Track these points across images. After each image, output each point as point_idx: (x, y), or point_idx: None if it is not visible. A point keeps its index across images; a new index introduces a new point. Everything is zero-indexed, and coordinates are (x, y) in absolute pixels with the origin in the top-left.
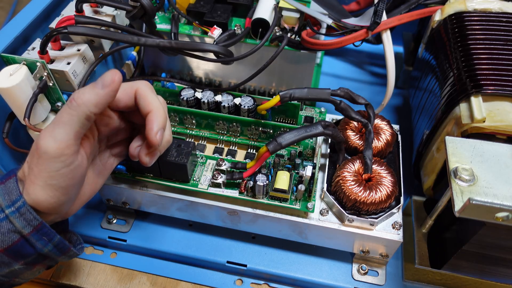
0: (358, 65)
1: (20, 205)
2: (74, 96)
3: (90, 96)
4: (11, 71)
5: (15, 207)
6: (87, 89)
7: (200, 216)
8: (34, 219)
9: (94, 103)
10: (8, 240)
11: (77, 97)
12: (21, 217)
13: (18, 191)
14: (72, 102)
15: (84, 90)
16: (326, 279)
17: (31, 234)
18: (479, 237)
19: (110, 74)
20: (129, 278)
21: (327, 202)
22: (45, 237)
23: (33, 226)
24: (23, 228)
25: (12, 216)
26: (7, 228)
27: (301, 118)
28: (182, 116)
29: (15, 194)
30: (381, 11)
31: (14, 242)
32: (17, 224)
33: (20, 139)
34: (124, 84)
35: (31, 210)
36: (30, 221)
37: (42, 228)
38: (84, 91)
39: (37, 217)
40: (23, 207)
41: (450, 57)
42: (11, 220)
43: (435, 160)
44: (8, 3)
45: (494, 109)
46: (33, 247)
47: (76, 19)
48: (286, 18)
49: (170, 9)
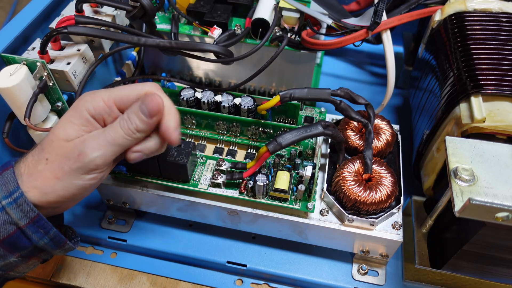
0: (358, 65)
1: (17, 196)
2: (131, 128)
3: (143, 128)
4: (11, 71)
5: (12, 198)
6: (138, 120)
7: (200, 216)
8: (31, 210)
9: (145, 133)
10: (4, 231)
11: (134, 128)
12: (18, 208)
13: (16, 182)
14: (129, 132)
15: (135, 121)
16: (326, 279)
17: (27, 226)
18: (479, 237)
19: (155, 103)
20: (129, 278)
21: (327, 202)
22: (42, 230)
23: (30, 218)
24: (20, 219)
25: (9, 207)
26: (3, 219)
27: (301, 118)
28: (182, 116)
29: (12, 185)
30: (381, 11)
31: (10, 234)
32: (13, 215)
33: (20, 139)
34: (133, 87)
35: (28, 201)
36: (27, 213)
37: (38, 220)
38: (136, 123)
39: (34, 208)
40: (20, 198)
41: (450, 57)
42: (8, 211)
43: (435, 160)
44: (8, 3)
45: (494, 109)
46: (29, 239)
47: (76, 19)
48: (286, 18)
49: (170, 9)
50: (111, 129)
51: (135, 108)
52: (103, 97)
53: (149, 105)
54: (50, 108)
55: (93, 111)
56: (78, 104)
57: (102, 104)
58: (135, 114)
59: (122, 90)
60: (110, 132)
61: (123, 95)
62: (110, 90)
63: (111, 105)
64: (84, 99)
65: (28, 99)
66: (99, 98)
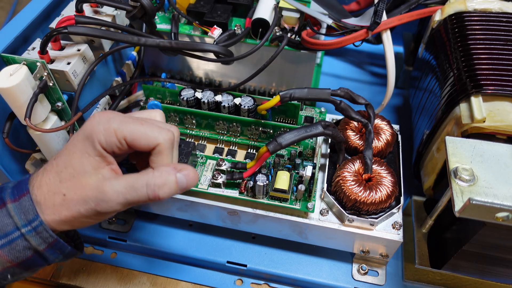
0: (358, 65)
1: (37, 225)
2: (160, 192)
3: (171, 193)
4: (11, 71)
5: (32, 226)
6: (172, 187)
7: (200, 216)
8: (50, 236)
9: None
10: (22, 256)
11: (163, 193)
12: (37, 235)
13: (35, 211)
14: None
15: (169, 188)
16: (326, 279)
17: (46, 250)
18: (479, 237)
19: (194, 179)
20: (129, 278)
21: (327, 202)
22: (58, 251)
23: (48, 243)
24: (39, 245)
25: (29, 234)
26: (22, 245)
27: (301, 118)
28: (182, 116)
29: (31, 214)
30: (381, 11)
31: (28, 257)
32: (33, 242)
33: (20, 139)
34: (147, 131)
35: (48, 228)
36: (45, 239)
37: (57, 244)
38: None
39: (52, 234)
40: (40, 226)
41: (450, 57)
42: (27, 238)
43: (435, 160)
44: (8, 3)
45: (494, 109)
46: (46, 260)
47: (76, 19)
48: (286, 18)
49: (170, 9)
50: (134, 187)
51: (170, 181)
52: (116, 131)
53: (189, 183)
54: (50, 108)
55: (105, 145)
56: (92, 134)
57: (114, 139)
58: (167, 186)
59: (135, 130)
60: (132, 193)
61: (135, 138)
62: (123, 123)
63: (123, 141)
64: (98, 130)
65: (28, 99)
66: (112, 132)
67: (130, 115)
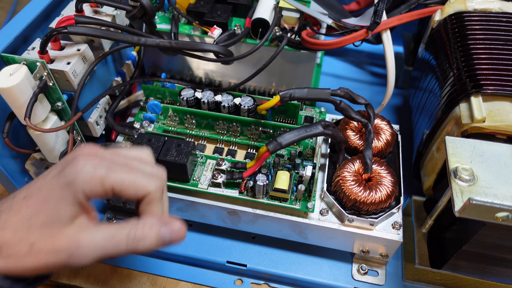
0: (358, 65)
1: None
2: (139, 245)
3: (151, 247)
4: (11, 71)
5: None
6: (153, 242)
7: (200, 216)
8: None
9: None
10: None
11: (142, 246)
12: None
13: None
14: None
15: (150, 242)
16: (326, 279)
17: None
18: (479, 237)
19: (181, 234)
20: (129, 278)
21: (327, 202)
22: None
23: None
24: None
25: None
26: None
27: (301, 118)
28: (182, 116)
29: None
30: (381, 11)
31: None
32: None
33: (20, 139)
34: (136, 180)
35: (1, 276)
36: None
37: None
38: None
39: (7, 282)
40: None
41: (450, 57)
42: None
43: (435, 160)
44: (8, 3)
45: (494, 109)
46: None
47: (76, 19)
48: (286, 18)
49: (170, 9)
50: (114, 240)
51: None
52: (103, 180)
53: (174, 238)
54: (50, 108)
55: (89, 195)
56: (74, 182)
57: (100, 188)
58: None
59: (124, 179)
60: (111, 245)
61: (123, 188)
62: (111, 170)
63: (109, 192)
64: (82, 179)
65: (28, 99)
66: (98, 182)
67: (117, 153)
